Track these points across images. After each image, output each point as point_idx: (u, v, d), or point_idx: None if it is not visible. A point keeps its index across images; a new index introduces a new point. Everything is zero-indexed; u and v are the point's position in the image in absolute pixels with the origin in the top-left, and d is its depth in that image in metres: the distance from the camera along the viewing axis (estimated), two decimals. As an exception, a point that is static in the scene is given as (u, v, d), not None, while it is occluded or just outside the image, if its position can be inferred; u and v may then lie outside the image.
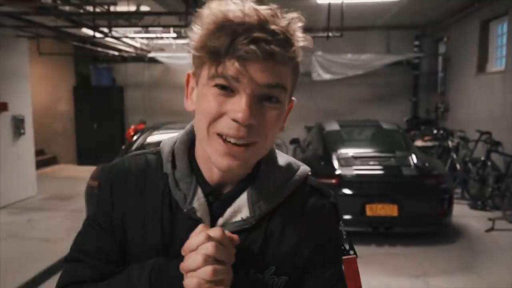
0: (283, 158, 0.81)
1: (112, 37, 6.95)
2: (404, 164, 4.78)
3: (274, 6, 0.68)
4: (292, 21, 0.67)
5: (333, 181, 4.62)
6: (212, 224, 0.74)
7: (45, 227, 5.24)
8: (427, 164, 4.88)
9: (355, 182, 4.60)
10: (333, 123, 5.90)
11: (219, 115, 0.66)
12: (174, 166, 0.76)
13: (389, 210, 4.47)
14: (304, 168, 0.81)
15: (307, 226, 0.77)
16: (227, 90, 0.65)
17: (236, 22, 0.62)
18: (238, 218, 0.74)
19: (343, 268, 0.79)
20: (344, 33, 7.64)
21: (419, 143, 7.18)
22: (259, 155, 0.72)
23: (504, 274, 3.89)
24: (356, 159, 4.86)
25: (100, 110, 9.93)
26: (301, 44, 0.68)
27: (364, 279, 2.94)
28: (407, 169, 4.70)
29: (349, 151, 5.04)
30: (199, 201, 0.73)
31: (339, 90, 9.77)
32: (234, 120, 0.65)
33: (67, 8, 5.68)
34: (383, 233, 4.64)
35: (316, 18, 8.15)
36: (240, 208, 0.74)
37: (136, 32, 7.80)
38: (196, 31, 0.66)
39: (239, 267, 0.71)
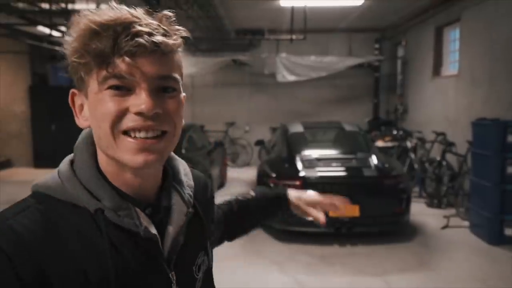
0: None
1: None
2: (365, 165, 4.91)
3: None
4: (163, 16, 0.68)
5: (297, 182, 4.69)
6: (160, 235, 0.73)
7: (-2, 235, 4.98)
8: (386, 165, 5.04)
9: (318, 183, 4.68)
10: (297, 125, 5.98)
11: (121, 114, 0.65)
12: (94, 198, 0.69)
13: (351, 210, 4.58)
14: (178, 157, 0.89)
15: (208, 200, 0.93)
16: (122, 89, 0.65)
17: (114, 22, 0.63)
18: (181, 218, 0.76)
19: None
20: (307, 35, 7.77)
21: (380, 143, 7.41)
22: (171, 146, 0.71)
23: (458, 270, 4.09)
24: (319, 161, 4.95)
25: (59, 111, 9.49)
26: (182, 34, 0.70)
27: (327, 279, 3.03)
28: (367, 170, 4.83)
29: (312, 153, 5.13)
30: (145, 220, 0.71)
31: (303, 92, 9.92)
32: (138, 113, 0.64)
33: (20, 5, 5.42)
34: (345, 233, 4.76)
35: (280, 21, 8.22)
36: (180, 208, 0.77)
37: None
38: (75, 39, 0.65)
39: (197, 252, 0.81)
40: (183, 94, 0.73)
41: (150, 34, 0.64)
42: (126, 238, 0.69)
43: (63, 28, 6.20)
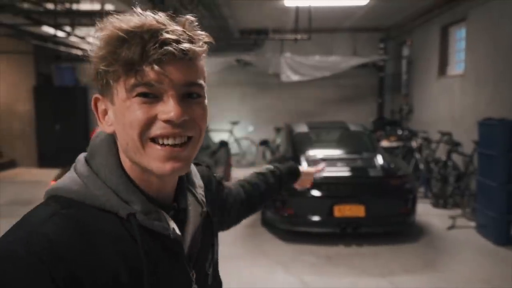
0: None
1: (75, 36, 6.71)
2: (371, 165, 4.89)
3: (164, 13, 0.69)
4: (187, 21, 0.69)
5: (302, 183, 4.66)
6: (181, 231, 0.75)
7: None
8: (392, 165, 5.01)
9: (324, 184, 4.66)
10: (302, 125, 5.96)
11: (149, 121, 0.66)
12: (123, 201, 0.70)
13: (357, 210, 4.56)
14: None
15: (214, 192, 0.95)
16: (150, 97, 0.65)
17: (141, 30, 0.64)
18: (198, 218, 0.80)
19: None
20: (311, 35, 7.75)
21: (385, 143, 7.38)
22: (196, 151, 0.72)
23: (464, 270, 4.06)
24: (324, 161, 4.91)
25: (63, 111, 9.58)
26: (205, 39, 0.70)
27: (332, 279, 3.01)
28: (373, 170, 4.81)
29: (317, 153, 5.11)
30: (170, 222, 0.73)
31: (308, 91, 9.89)
32: (167, 121, 0.65)
33: (25, 5, 5.43)
34: (350, 234, 4.73)
35: (284, 20, 8.21)
36: (195, 209, 0.80)
37: (95, 28, 7.57)
38: (102, 47, 0.66)
39: (208, 249, 0.83)
40: (206, 100, 0.74)
41: (177, 42, 0.64)
42: (154, 240, 0.70)
43: (67, 29, 6.22)
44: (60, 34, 6.35)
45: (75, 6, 5.73)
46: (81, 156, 0.75)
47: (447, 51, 7.49)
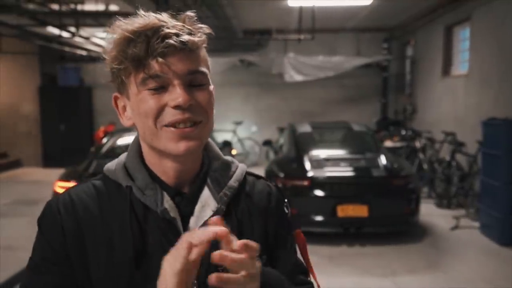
0: (224, 156, 0.90)
1: (80, 36, 6.75)
2: (374, 165, 4.89)
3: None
4: (186, 17, 0.76)
5: (305, 183, 4.67)
6: (184, 223, 0.77)
7: (8, 234, 5.03)
8: (395, 165, 5.01)
9: (327, 183, 4.67)
10: (305, 125, 5.97)
11: (161, 109, 0.73)
12: (131, 179, 0.80)
13: (360, 210, 4.56)
14: (241, 164, 0.91)
15: (266, 209, 0.88)
16: (159, 89, 0.73)
17: (144, 28, 0.71)
18: (208, 212, 0.78)
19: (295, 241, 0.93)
20: (315, 35, 7.75)
21: (388, 143, 7.36)
22: (207, 133, 0.78)
23: (467, 271, 4.05)
24: (327, 161, 4.94)
25: (68, 111, 9.64)
26: (205, 31, 0.77)
27: (335, 279, 3.02)
28: (376, 170, 4.81)
29: (320, 153, 5.12)
30: (168, 203, 0.77)
31: (311, 92, 9.89)
32: (176, 107, 0.72)
33: (30, 6, 5.47)
34: (353, 234, 4.73)
35: (288, 20, 8.21)
36: (207, 202, 0.80)
37: (105, 32, 7.63)
38: (112, 48, 0.74)
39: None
40: (211, 86, 0.80)
41: (177, 35, 0.71)
42: (150, 216, 0.77)
43: (72, 29, 6.26)
44: (65, 34, 6.39)
45: (79, 7, 5.77)
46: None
47: (451, 51, 7.48)
